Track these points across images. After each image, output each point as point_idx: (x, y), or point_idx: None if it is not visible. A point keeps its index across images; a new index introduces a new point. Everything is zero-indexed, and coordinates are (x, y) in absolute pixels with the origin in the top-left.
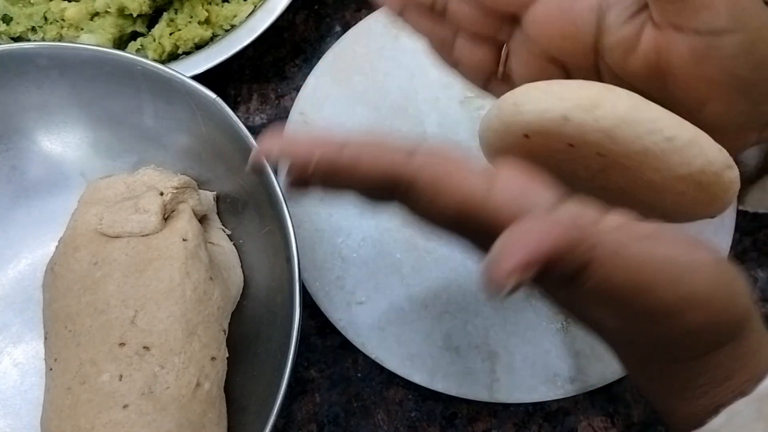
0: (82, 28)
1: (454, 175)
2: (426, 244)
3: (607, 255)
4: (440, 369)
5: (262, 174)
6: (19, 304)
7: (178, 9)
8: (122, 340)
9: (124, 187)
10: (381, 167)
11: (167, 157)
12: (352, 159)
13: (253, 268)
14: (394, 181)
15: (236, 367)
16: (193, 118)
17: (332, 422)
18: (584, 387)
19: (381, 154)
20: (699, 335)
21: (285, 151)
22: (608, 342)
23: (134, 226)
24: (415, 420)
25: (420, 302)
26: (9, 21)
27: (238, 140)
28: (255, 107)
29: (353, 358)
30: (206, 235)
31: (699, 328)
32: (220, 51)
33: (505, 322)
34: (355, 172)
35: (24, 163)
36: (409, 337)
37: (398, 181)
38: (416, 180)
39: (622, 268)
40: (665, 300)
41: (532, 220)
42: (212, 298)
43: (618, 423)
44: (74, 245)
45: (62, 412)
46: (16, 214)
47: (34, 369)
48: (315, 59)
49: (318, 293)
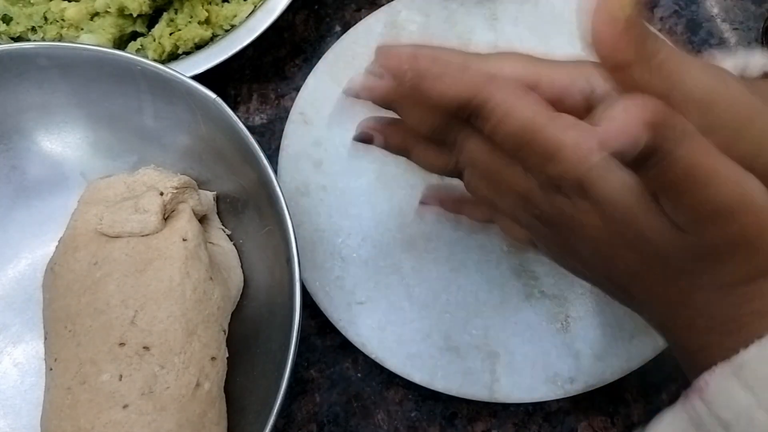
0: (82, 28)
1: (527, 99)
2: (426, 244)
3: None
4: (440, 369)
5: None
6: (19, 304)
7: (178, 9)
8: (122, 340)
9: (124, 187)
10: (463, 80)
11: (167, 157)
12: (441, 69)
13: (253, 268)
14: (472, 95)
15: (236, 367)
16: (193, 118)
17: (332, 422)
18: (584, 387)
19: (465, 70)
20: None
21: (383, 58)
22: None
23: (134, 226)
24: (415, 420)
25: (420, 302)
26: (9, 21)
27: (238, 140)
28: (255, 107)
29: (353, 358)
30: (206, 235)
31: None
32: (220, 51)
33: (505, 322)
34: (442, 80)
35: (24, 163)
36: (409, 337)
37: (475, 95)
38: (492, 97)
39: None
40: (728, 197)
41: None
42: (212, 298)
43: (618, 423)
44: (74, 245)
45: (62, 412)
46: (16, 214)
47: (34, 369)
48: (315, 59)
49: (318, 293)
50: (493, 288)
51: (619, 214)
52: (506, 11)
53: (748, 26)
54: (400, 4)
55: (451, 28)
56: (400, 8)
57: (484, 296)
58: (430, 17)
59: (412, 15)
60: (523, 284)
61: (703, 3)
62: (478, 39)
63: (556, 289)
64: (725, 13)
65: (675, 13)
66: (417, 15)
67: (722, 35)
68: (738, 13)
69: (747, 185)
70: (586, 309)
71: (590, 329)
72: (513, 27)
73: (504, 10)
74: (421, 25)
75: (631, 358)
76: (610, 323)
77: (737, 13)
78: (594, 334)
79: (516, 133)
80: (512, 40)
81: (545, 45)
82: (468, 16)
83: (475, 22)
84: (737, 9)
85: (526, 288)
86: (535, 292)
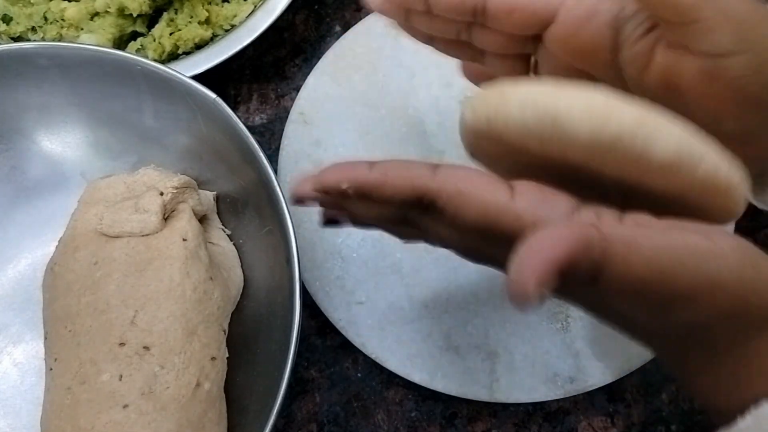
0: (82, 28)
1: (478, 185)
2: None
3: (622, 250)
4: (440, 369)
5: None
6: (19, 304)
7: (178, 9)
8: (122, 340)
9: (124, 187)
10: (408, 182)
11: (167, 157)
12: (380, 175)
13: (253, 268)
14: (420, 194)
15: (236, 367)
16: (193, 118)
17: (332, 422)
18: (584, 387)
19: (407, 170)
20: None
21: (317, 183)
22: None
23: (134, 226)
24: (415, 420)
25: (420, 302)
26: (9, 21)
27: (238, 140)
28: (255, 107)
29: (353, 358)
30: (206, 235)
31: (731, 311)
32: (220, 51)
33: (505, 322)
34: (384, 187)
35: (24, 163)
36: (409, 337)
37: (424, 194)
38: (441, 191)
39: (640, 259)
40: (689, 285)
41: (545, 229)
42: (212, 298)
43: (618, 423)
44: (74, 245)
45: (62, 412)
46: (16, 214)
47: (34, 369)
48: (315, 59)
49: (318, 293)
50: (493, 288)
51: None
52: None
53: None
54: None
55: None
56: None
57: (484, 296)
58: None
59: None
60: None
61: None
62: None
63: None
64: None
65: None
66: None
67: None
68: None
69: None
70: None
71: (590, 329)
72: None
73: None
74: None
75: (631, 358)
76: None
77: None
78: (594, 334)
79: (477, 222)
80: None
81: None
82: None
83: None
84: None
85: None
86: None
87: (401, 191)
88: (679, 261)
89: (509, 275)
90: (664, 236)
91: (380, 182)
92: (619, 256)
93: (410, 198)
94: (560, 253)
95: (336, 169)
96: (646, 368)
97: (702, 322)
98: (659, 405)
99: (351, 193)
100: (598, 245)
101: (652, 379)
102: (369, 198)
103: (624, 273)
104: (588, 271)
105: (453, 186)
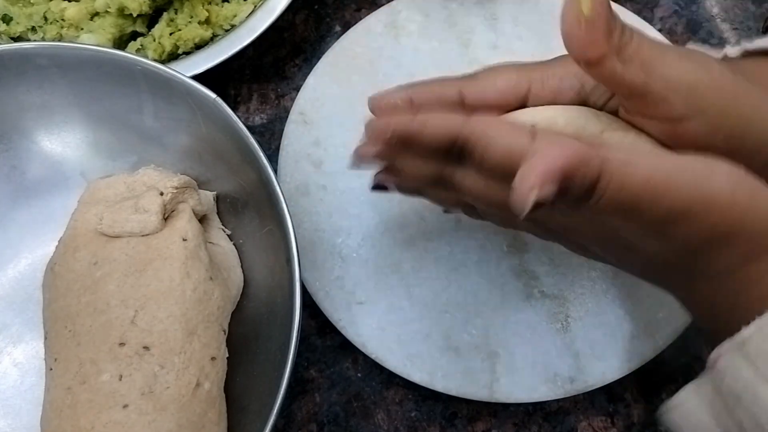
0: (82, 28)
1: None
2: (426, 244)
3: (618, 167)
4: (440, 369)
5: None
6: (19, 304)
7: (178, 9)
8: (122, 340)
9: (124, 187)
10: (443, 127)
11: (167, 157)
12: (420, 124)
13: (253, 268)
14: (454, 136)
15: (236, 367)
16: (193, 118)
17: (332, 422)
18: (584, 387)
19: (443, 119)
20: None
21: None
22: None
23: (134, 226)
24: (415, 420)
25: (420, 302)
26: (9, 21)
27: (238, 140)
28: (255, 107)
29: (353, 358)
30: (206, 235)
31: (726, 231)
32: (220, 51)
33: (505, 322)
34: (424, 134)
35: (24, 163)
36: (409, 337)
37: (457, 137)
38: (472, 133)
39: (635, 176)
40: (683, 201)
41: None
42: (212, 298)
43: (618, 423)
44: (74, 245)
45: (62, 412)
46: (16, 214)
47: (34, 369)
48: (315, 59)
49: (318, 293)
50: (493, 288)
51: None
52: (506, 11)
53: (748, 26)
54: (400, 4)
55: (451, 27)
56: (400, 8)
57: (484, 296)
58: (429, 17)
59: (412, 15)
60: (523, 284)
61: (703, 3)
62: (477, 39)
63: (556, 289)
64: (725, 13)
65: (675, 13)
66: (417, 15)
67: (722, 35)
68: (738, 13)
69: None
70: (586, 309)
71: (590, 329)
72: (513, 27)
73: (504, 10)
74: (420, 25)
75: (631, 358)
76: (610, 323)
77: (737, 13)
78: (594, 334)
79: (501, 162)
80: (512, 40)
81: (545, 45)
82: (468, 16)
83: (475, 21)
84: (737, 9)
85: (526, 288)
86: (535, 292)
87: (438, 136)
88: (673, 178)
89: (514, 183)
90: (660, 157)
91: (419, 129)
92: (615, 172)
93: (445, 142)
94: (558, 164)
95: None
96: (646, 368)
97: (699, 242)
98: (659, 405)
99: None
100: (595, 161)
101: (652, 379)
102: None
103: (619, 188)
104: (584, 186)
105: (481, 130)
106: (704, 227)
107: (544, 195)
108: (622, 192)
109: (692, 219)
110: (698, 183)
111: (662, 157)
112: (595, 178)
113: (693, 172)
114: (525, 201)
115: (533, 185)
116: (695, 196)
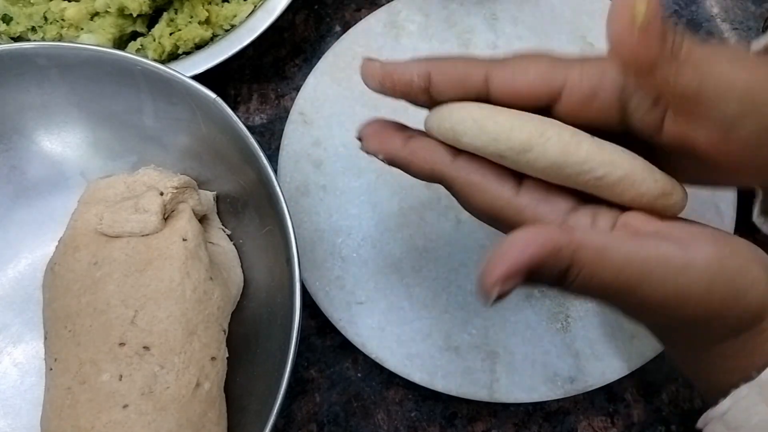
0: (82, 28)
1: (488, 177)
2: (426, 244)
3: (589, 257)
4: (440, 369)
5: None
6: (19, 304)
7: (178, 9)
8: (122, 340)
9: (124, 187)
10: (429, 165)
11: (167, 157)
12: (408, 155)
13: (253, 268)
14: (438, 178)
15: (236, 367)
16: (193, 118)
17: (332, 422)
18: (584, 387)
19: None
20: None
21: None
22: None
23: (134, 226)
24: (415, 420)
25: (420, 302)
26: (9, 21)
27: (238, 140)
28: (255, 107)
29: (353, 358)
30: (206, 235)
31: (703, 320)
32: (220, 51)
33: (505, 322)
34: (410, 166)
35: (24, 163)
36: (409, 337)
37: (441, 179)
38: (455, 179)
39: (605, 268)
40: (654, 297)
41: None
42: (212, 298)
43: (618, 423)
44: (74, 245)
45: (62, 412)
46: (16, 214)
47: (34, 369)
48: (315, 59)
49: (318, 293)
50: None
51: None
52: (506, 11)
53: (748, 26)
54: (400, 4)
55: (451, 27)
56: (400, 8)
57: None
58: (429, 17)
59: (412, 15)
60: None
61: (703, 3)
62: (477, 39)
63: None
64: (725, 13)
65: (675, 13)
66: (417, 15)
67: (722, 35)
68: (738, 13)
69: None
70: (586, 309)
71: (590, 329)
72: (513, 27)
73: (504, 10)
74: (420, 25)
75: (631, 358)
76: (610, 323)
77: (737, 13)
78: (594, 334)
79: (483, 210)
80: (512, 40)
81: (545, 45)
82: (468, 16)
83: (475, 21)
84: (737, 9)
85: (526, 288)
86: (535, 291)
87: (425, 171)
88: (646, 272)
89: (479, 272)
90: (636, 246)
91: (407, 161)
92: (588, 262)
93: (431, 178)
94: (526, 257)
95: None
96: (646, 368)
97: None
98: (659, 405)
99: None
100: (566, 250)
101: (652, 379)
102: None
103: (590, 278)
104: (556, 273)
105: (465, 177)
106: (677, 317)
107: (507, 289)
108: (593, 281)
109: (666, 309)
110: (672, 279)
111: (640, 243)
112: (565, 267)
113: (667, 265)
114: (487, 296)
115: (495, 282)
116: (669, 292)
